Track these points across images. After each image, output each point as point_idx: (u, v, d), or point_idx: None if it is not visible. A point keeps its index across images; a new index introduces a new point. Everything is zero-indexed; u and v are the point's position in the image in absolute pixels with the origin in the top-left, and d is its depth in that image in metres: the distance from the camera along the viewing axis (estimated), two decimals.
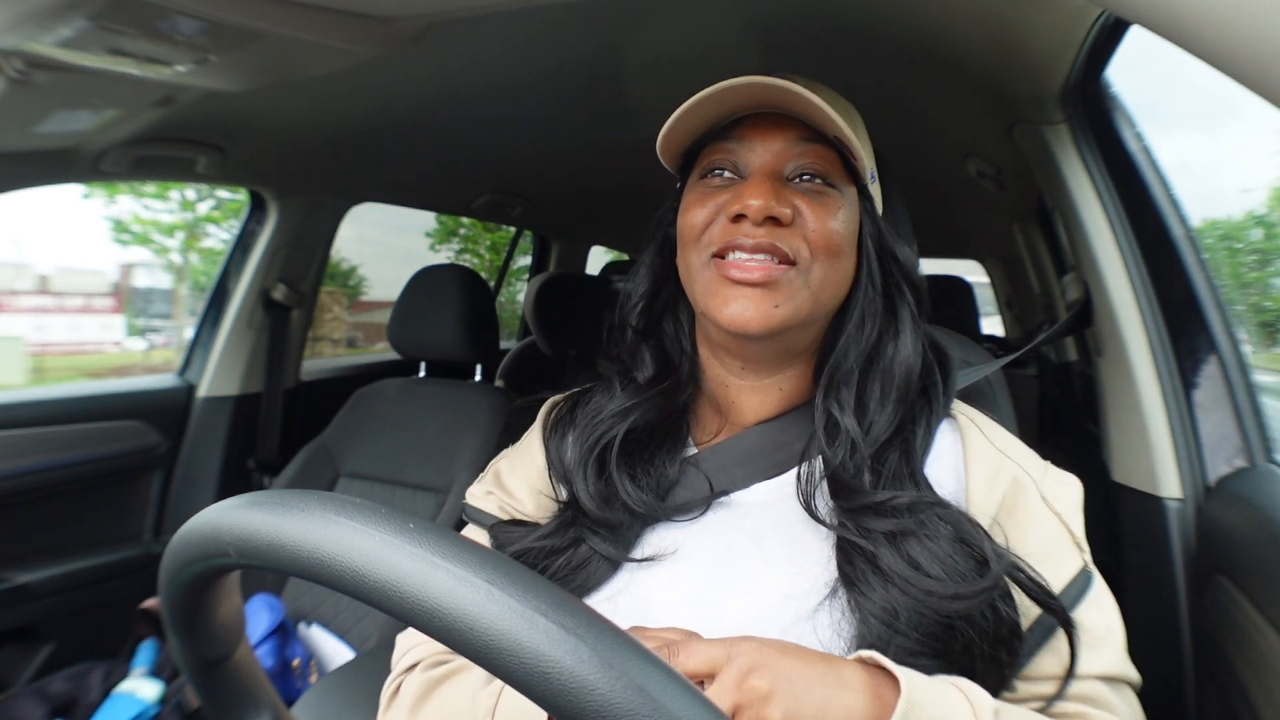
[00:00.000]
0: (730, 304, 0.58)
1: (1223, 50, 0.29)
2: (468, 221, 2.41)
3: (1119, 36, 0.89)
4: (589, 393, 0.71)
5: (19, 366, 10.01)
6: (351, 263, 11.65)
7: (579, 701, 0.26)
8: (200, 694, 0.42)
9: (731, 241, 0.58)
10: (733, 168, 0.62)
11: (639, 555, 0.61)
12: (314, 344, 10.87)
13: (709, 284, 0.60)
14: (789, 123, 0.61)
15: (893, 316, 0.63)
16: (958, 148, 1.57)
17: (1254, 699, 0.70)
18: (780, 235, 0.58)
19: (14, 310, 12.23)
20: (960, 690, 0.48)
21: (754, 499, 0.63)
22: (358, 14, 0.86)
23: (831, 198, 0.61)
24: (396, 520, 0.30)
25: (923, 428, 0.61)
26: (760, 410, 0.65)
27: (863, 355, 0.62)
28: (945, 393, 0.64)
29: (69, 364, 11.03)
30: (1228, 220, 3.47)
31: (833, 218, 0.60)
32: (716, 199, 0.61)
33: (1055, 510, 0.59)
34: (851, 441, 0.59)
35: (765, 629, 0.55)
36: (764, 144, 0.61)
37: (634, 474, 0.62)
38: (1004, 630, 0.53)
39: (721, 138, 0.62)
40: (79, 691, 1.34)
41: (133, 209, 9.96)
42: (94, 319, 12.54)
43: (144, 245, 10.22)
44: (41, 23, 0.77)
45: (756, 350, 0.62)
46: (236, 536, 0.32)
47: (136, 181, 1.49)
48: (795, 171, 0.61)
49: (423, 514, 1.51)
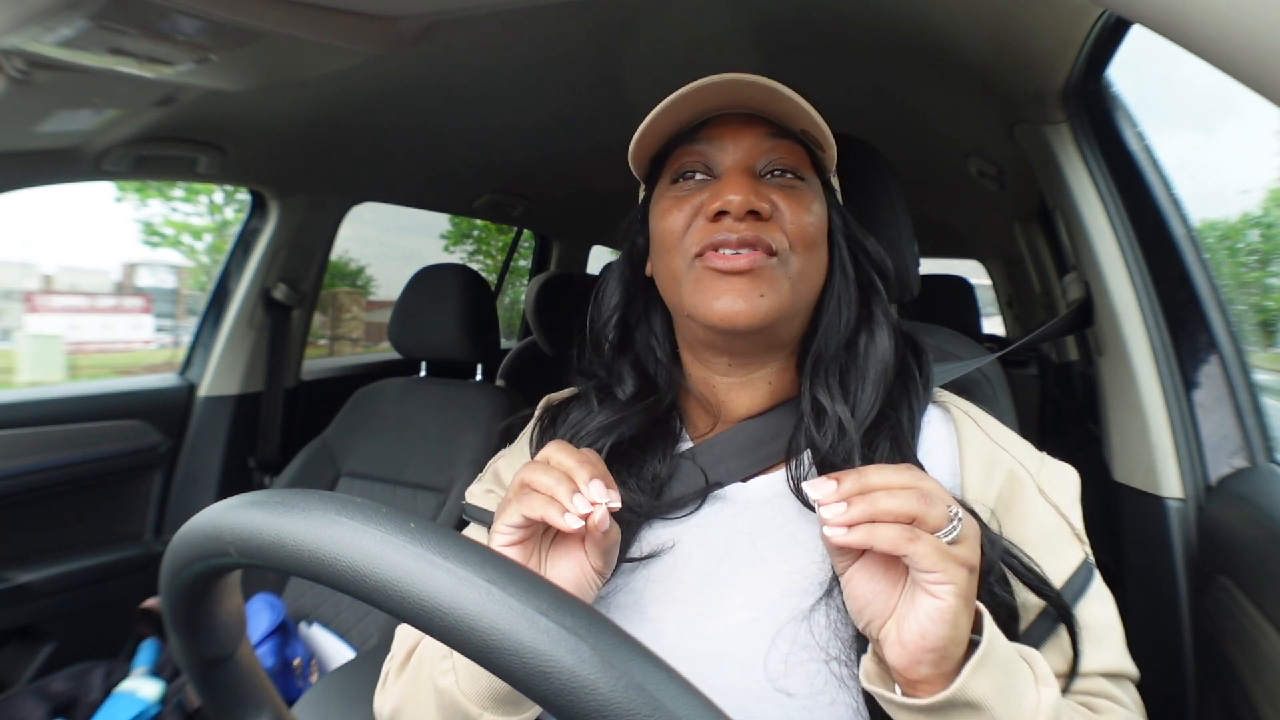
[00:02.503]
0: (720, 298, 0.58)
1: (1224, 49, 0.29)
2: (480, 223, 2.40)
3: (1120, 36, 0.89)
4: (568, 406, 0.71)
5: (59, 363, 10.42)
6: (360, 262, 11.93)
7: (580, 701, 0.26)
8: (201, 693, 0.42)
9: (714, 239, 0.58)
10: (704, 169, 0.62)
11: (635, 555, 0.61)
12: (334, 343, 10.72)
13: (695, 283, 0.60)
14: (755, 120, 0.62)
15: (866, 304, 0.65)
16: (959, 147, 1.57)
17: (1255, 699, 0.70)
18: (761, 228, 0.58)
19: (49, 310, 12.71)
20: (1026, 661, 0.48)
21: (749, 495, 0.63)
22: (358, 14, 0.86)
23: (803, 191, 0.62)
24: (397, 520, 0.30)
25: (906, 415, 0.62)
26: (750, 405, 0.66)
27: (841, 342, 0.63)
28: (923, 378, 0.65)
29: (103, 361, 11.40)
30: (1225, 221, 3.47)
31: (807, 211, 0.61)
32: (692, 200, 0.61)
33: (1053, 502, 0.59)
34: (839, 425, 0.59)
35: (762, 628, 0.55)
36: (735, 142, 0.62)
37: (624, 479, 0.62)
38: (1001, 614, 0.52)
39: (690, 140, 0.63)
40: (80, 691, 1.34)
41: (163, 212, 10.31)
42: (125, 318, 12.91)
43: (174, 248, 10.44)
44: (43, 22, 0.77)
45: (744, 345, 0.62)
46: (237, 536, 0.32)
47: (138, 181, 1.49)
48: (767, 167, 0.62)
49: (423, 514, 1.51)
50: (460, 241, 11.07)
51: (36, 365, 10.35)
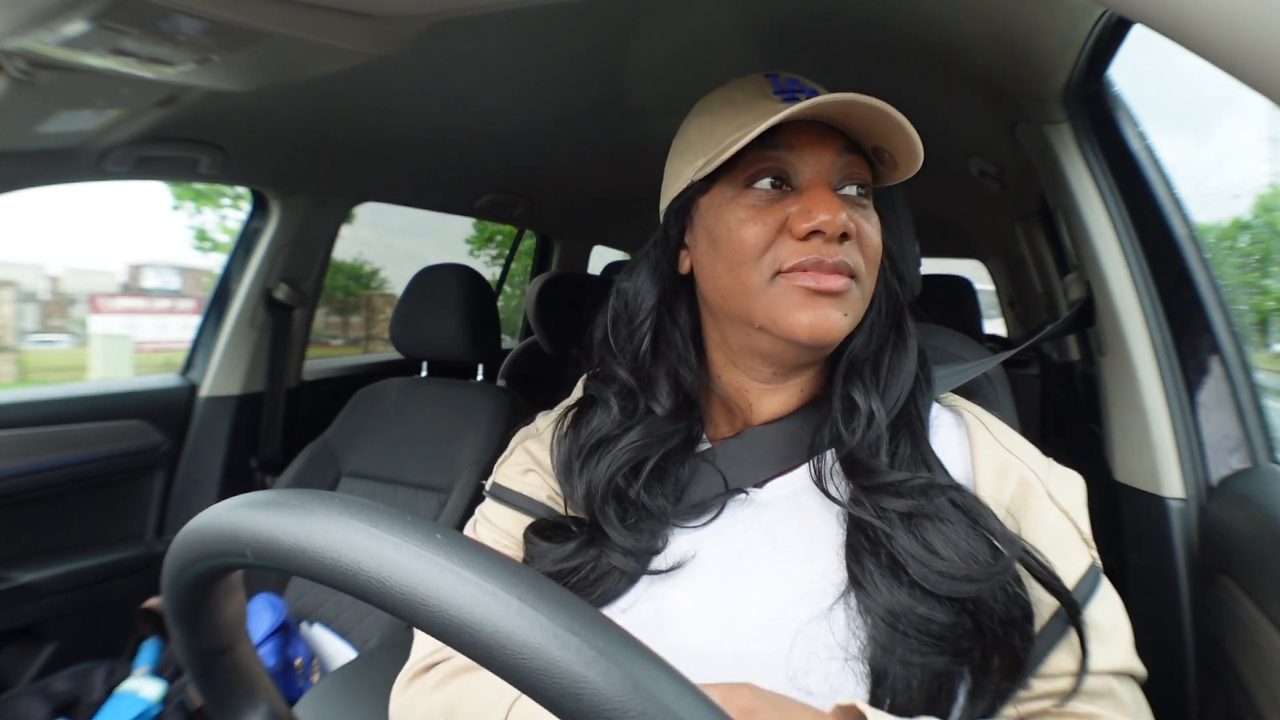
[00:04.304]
0: (809, 314, 0.57)
1: (1225, 49, 0.29)
2: (506, 228, 2.42)
3: (1121, 36, 0.89)
4: (584, 412, 0.69)
5: (128, 361, 11.57)
6: (373, 265, 12.53)
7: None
8: (198, 684, 0.42)
9: (807, 260, 0.57)
10: (780, 177, 0.60)
11: (660, 567, 0.60)
12: (367, 343, 11.17)
13: (778, 298, 0.58)
14: (832, 132, 0.61)
15: (896, 306, 0.66)
16: (960, 147, 1.57)
17: (1257, 699, 0.70)
18: (847, 250, 0.58)
19: (111, 311, 14.03)
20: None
21: (767, 495, 0.63)
22: (360, 14, 0.86)
23: (871, 210, 0.62)
24: (425, 530, 0.30)
25: (916, 414, 0.63)
26: (779, 408, 0.66)
27: (876, 345, 0.64)
28: (925, 378, 0.66)
29: (163, 359, 12.62)
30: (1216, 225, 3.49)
31: (877, 232, 0.61)
32: (774, 214, 0.59)
33: (1062, 507, 0.59)
34: (869, 417, 0.60)
35: (782, 628, 0.55)
36: (815, 155, 0.60)
37: (649, 487, 0.62)
38: (1016, 613, 0.53)
39: (766, 145, 0.59)
40: (81, 691, 1.34)
41: (214, 220, 11.18)
42: (178, 319, 14.38)
43: (223, 253, 10.93)
44: (44, 23, 0.78)
45: (806, 357, 0.63)
46: (254, 538, 0.31)
47: (139, 181, 1.49)
48: (843, 183, 0.61)
49: (425, 513, 1.51)
50: (484, 246, 11.18)
51: (108, 363, 11.51)
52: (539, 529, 0.65)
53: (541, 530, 0.65)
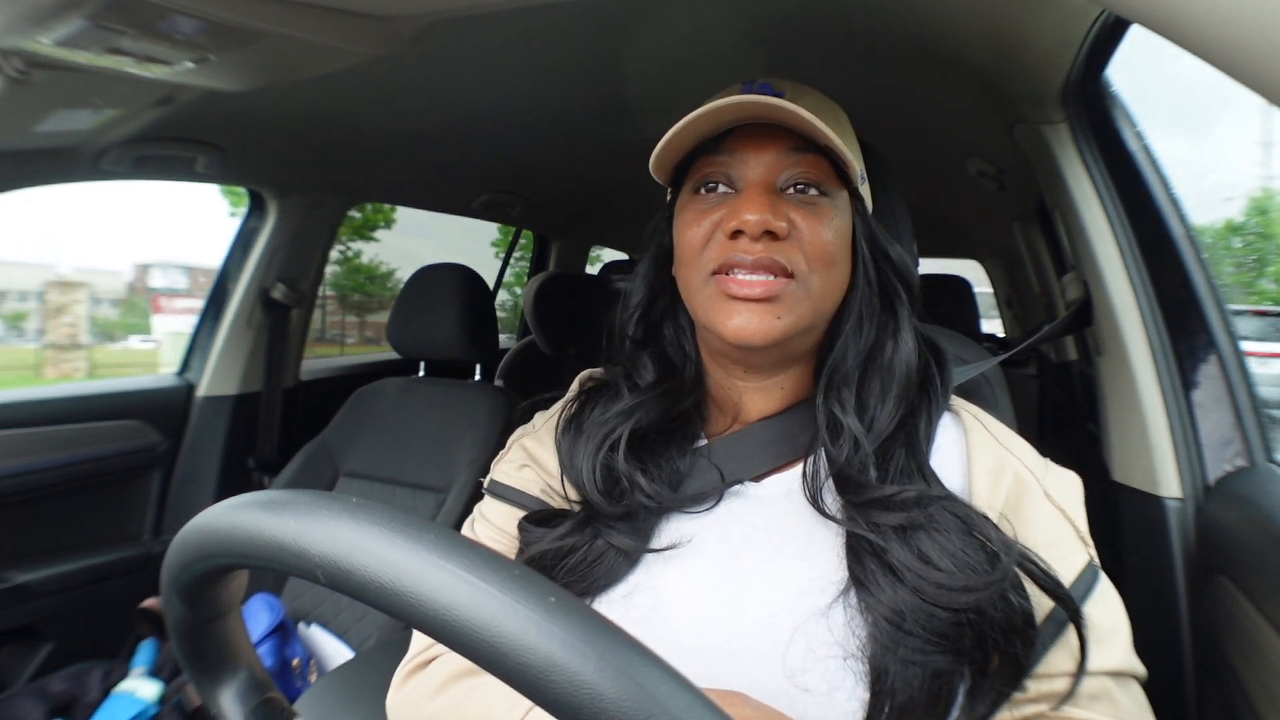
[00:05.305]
0: (733, 317, 0.58)
1: (1223, 49, 0.29)
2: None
3: (1119, 36, 0.89)
4: (594, 395, 0.71)
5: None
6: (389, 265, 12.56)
7: None
8: (180, 651, 0.41)
9: (730, 259, 0.58)
10: (726, 180, 0.62)
11: (656, 546, 0.61)
12: (384, 341, 11.42)
13: (710, 300, 0.60)
14: (779, 133, 0.61)
15: (891, 315, 0.64)
16: (958, 147, 1.57)
17: (1254, 699, 0.70)
18: (778, 249, 0.58)
19: (172, 311, 14.67)
20: None
21: (765, 492, 0.63)
22: (358, 14, 0.86)
23: (824, 207, 0.61)
24: (425, 530, 0.29)
25: (924, 422, 0.62)
26: (765, 407, 0.66)
27: (861, 355, 0.63)
28: (943, 386, 0.65)
29: None
30: (1210, 226, 3.51)
31: (826, 228, 0.60)
32: (712, 215, 0.61)
33: (1059, 506, 0.59)
34: (854, 439, 0.59)
35: (780, 625, 0.55)
36: (756, 156, 0.61)
37: (644, 467, 0.63)
38: (1017, 620, 0.53)
39: (712, 150, 0.62)
40: (78, 691, 1.34)
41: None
42: None
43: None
44: (41, 22, 0.77)
45: (759, 358, 0.63)
46: (254, 538, 0.31)
47: (136, 180, 1.49)
48: (788, 182, 0.61)
49: (422, 513, 1.51)
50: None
51: (177, 358, 12.18)
52: (533, 518, 0.66)
53: (535, 519, 0.65)
